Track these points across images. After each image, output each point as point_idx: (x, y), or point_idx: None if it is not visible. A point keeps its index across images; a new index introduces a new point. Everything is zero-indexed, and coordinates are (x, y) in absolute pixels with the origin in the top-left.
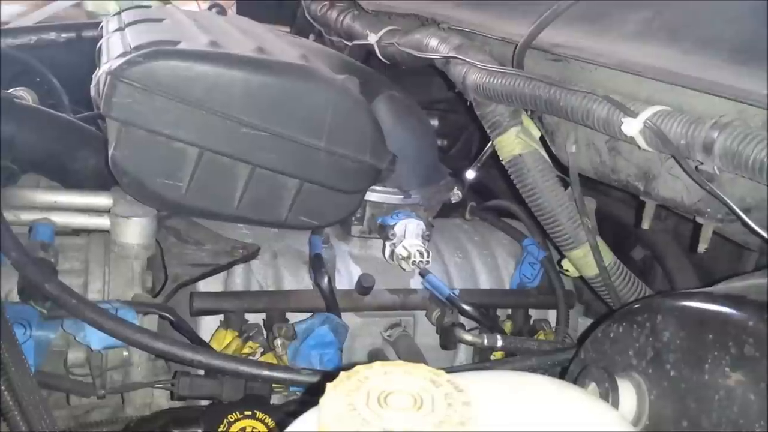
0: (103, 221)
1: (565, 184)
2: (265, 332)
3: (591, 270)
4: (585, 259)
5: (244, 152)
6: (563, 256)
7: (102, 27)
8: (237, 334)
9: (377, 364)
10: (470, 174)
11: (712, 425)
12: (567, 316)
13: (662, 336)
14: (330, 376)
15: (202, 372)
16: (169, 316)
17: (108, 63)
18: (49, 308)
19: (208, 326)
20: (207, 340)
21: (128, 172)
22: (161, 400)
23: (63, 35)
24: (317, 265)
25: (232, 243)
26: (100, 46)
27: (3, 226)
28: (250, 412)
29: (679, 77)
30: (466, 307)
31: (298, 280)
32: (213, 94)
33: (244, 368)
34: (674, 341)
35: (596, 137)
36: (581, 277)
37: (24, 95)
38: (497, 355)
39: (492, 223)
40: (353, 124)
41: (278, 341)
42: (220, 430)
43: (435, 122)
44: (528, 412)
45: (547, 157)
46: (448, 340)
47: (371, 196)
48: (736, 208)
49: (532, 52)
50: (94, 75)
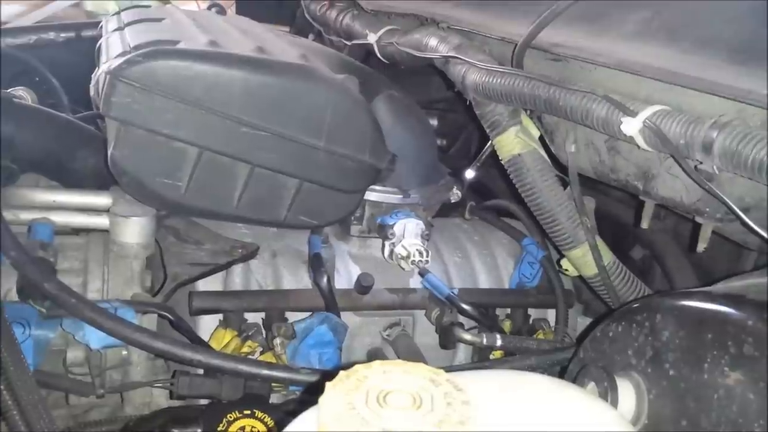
0: (102, 221)
1: (565, 183)
2: (264, 331)
3: (590, 269)
4: (584, 258)
5: (243, 152)
6: (562, 256)
7: (101, 27)
8: (236, 333)
9: (376, 363)
10: (469, 173)
11: (711, 425)
12: (566, 316)
13: (661, 335)
14: (329, 375)
15: (201, 371)
16: (169, 316)
17: (107, 63)
18: (48, 307)
19: (207, 325)
20: (206, 340)
21: (127, 171)
22: (160, 399)
23: (62, 35)
24: (316, 264)
25: (232, 242)
26: (100, 45)
27: (2, 225)
28: (249, 411)
29: (679, 77)
30: (465, 306)
31: (297, 279)
32: (212, 94)
33: (243, 367)
34: (673, 340)
35: (595, 137)
36: (580, 277)
37: (23, 95)
38: (496, 354)
39: (491, 222)
40: (353, 123)
41: (277, 340)
42: (219, 429)
43: (434, 122)
44: (527, 411)
45: (547, 157)
46: (447, 339)
47: (370, 195)
48: (735, 208)
49: (531, 52)
50: (93, 75)
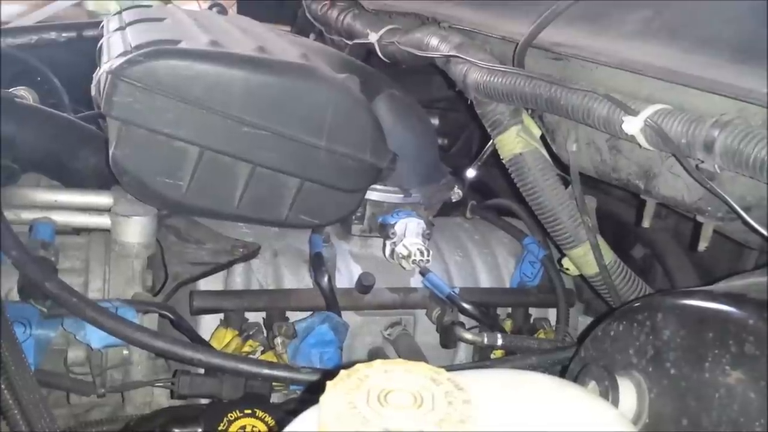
0: (103, 220)
1: (566, 182)
2: (265, 331)
3: (591, 268)
4: (585, 257)
5: (244, 151)
6: (563, 255)
7: (102, 26)
8: (237, 332)
9: (377, 362)
10: (471, 173)
11: (712, 424)
12: (567, 315)
13: (662, 334)
14: (330, 374)
15: (202, 371)
16: (170, 315)
17: (109, 62)
18: (50, 307)
19: (208, 325)
20: (207, 339)
21: (129, 171)
22: (161, 398)
23: (63, 35)
24: (317, 263)
25: (233, 242)
26: (101, 45)
27: (3, 224)
28: (250, 411)
29: (680, 76)
30: (466, 305)
31: (298, 278)
32: (213, 93)
33: (244, 367)
34: (674, 340)
35: (597, 136)
36: (581, 276)
37: (25, 95)
38: (497, 353)
39: (492, 221)
40: (354, 123)
41: (278, 340)
42: (220, 428)
43: (435, 121)
44: (528, 410)
45: (548, 156)
46: (448, 338)
47: (372, 195)
48: (736, 207)
49: (532, 51)
50: (94, 74)
